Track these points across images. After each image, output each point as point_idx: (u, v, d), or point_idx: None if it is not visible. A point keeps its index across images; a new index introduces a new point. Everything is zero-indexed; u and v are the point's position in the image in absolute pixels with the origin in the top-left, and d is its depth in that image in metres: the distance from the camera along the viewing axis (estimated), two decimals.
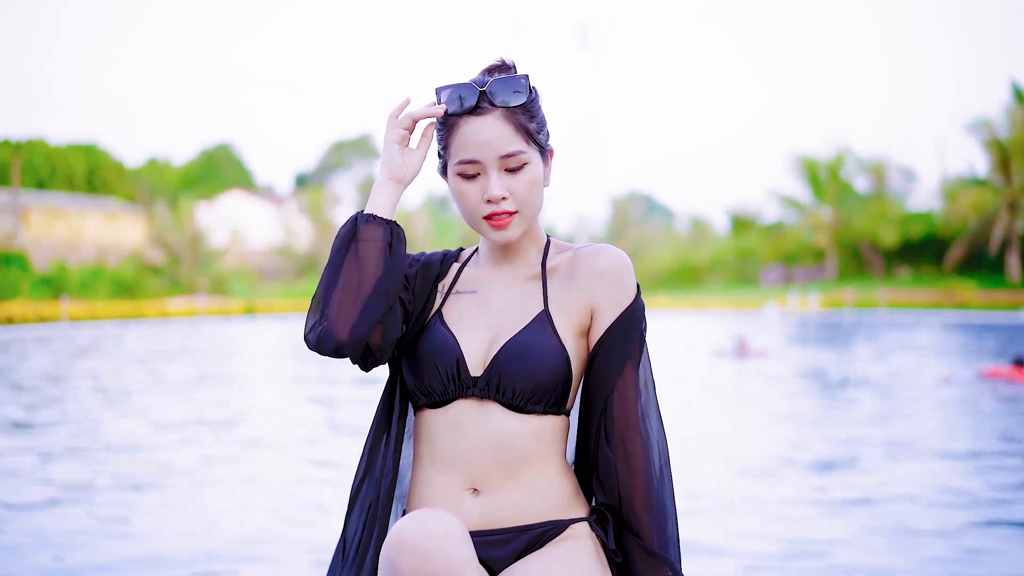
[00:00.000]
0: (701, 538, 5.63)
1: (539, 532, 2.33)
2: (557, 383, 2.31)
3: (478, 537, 2.32)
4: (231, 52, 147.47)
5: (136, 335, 30.20)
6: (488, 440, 2.30)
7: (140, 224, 62.09)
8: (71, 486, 7.28)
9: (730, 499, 6.83)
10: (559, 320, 2.35)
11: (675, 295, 61.00)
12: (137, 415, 11.45)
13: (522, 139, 2.31)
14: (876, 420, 10.90)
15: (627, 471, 2.33)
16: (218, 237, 62.22)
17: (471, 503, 2.33)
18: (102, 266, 53.37)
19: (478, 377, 2.32)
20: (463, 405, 2.33)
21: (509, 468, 2.31)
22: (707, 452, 8.76)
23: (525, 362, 2.29)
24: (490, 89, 2.30)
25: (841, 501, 6.74)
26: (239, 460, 8.49)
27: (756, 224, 70.78)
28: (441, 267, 2.51)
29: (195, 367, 18.56)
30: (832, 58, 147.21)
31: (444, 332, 2.37)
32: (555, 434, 2.35)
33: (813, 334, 29.68)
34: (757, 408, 12.07)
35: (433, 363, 2.34)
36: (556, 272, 2.40)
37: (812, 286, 58.91)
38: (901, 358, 19.74)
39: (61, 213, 59.06)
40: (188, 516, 6.32)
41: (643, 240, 75.55)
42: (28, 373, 17.16)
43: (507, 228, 2.34)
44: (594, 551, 2.34)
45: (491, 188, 2.30)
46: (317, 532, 5.87)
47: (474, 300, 2.44)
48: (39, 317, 37.67)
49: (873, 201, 63.72)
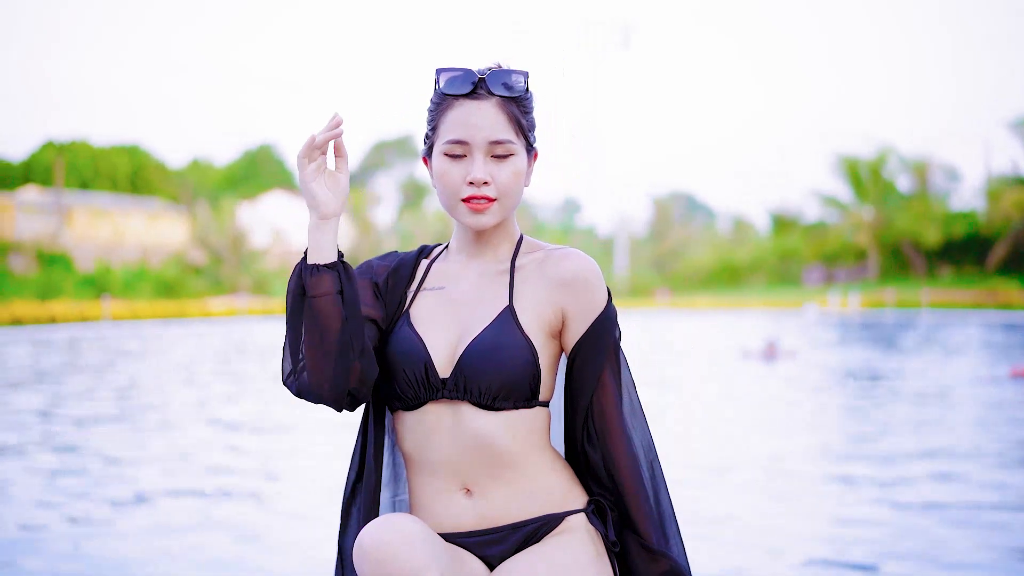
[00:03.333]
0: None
1: (535, 527, 2.34)
2: (525, 379, 2.31)
3: (475, 537, 2.34)
4: (274, 55, 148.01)
5: (198, 335, 30.39)
6: (466, 441, 2.31)
7: (182, 224, 62.41)
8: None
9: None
10: (524, 316, 2.35)
11: (716, 295, 60.72)
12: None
13: (513, 130, 2.34)
14: (906, 424, 10.81)
15: (616, 473, 2.36)
16: (260, 237, 62.42)
17: (465, 504, 2.35)
18: (145, 267, 53.73)
19: (446, 379, 2.33)
20: (436, 408, 2.34)
21: (493, 467, 2.32)
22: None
23: (491, 360, 2.30)
24: (489, 77, 2.34)
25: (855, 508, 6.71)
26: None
27: (797, 224, 70.23)
28: (413, 267, 2.51)
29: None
30: (876, 56, 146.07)
31: (410, 334, 2.37)
32: (534, 427, 2.35)
33: (851, 335, 29.43)
34: (765, 412, 11.93)
35: (401, 368, 2.35)
36: (524, 270, 2.41)
37: (853, 286, 58.46)
38: (941, 358, 19.54)
39: (104, 213, 59.50)
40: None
41: (684, 240, 75.20)
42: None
43: (484, 213, 2.35)
44: (591, 542, 2.35)
45: (475, 171, 2.31)
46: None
47: (441, 297, 2.43)
48: (82, 316, 37.94)
49: (915, 200, 63.14)
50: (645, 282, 63.43)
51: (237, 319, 42.06)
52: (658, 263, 72.61)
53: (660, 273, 70.07)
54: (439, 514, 2.36)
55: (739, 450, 9.03)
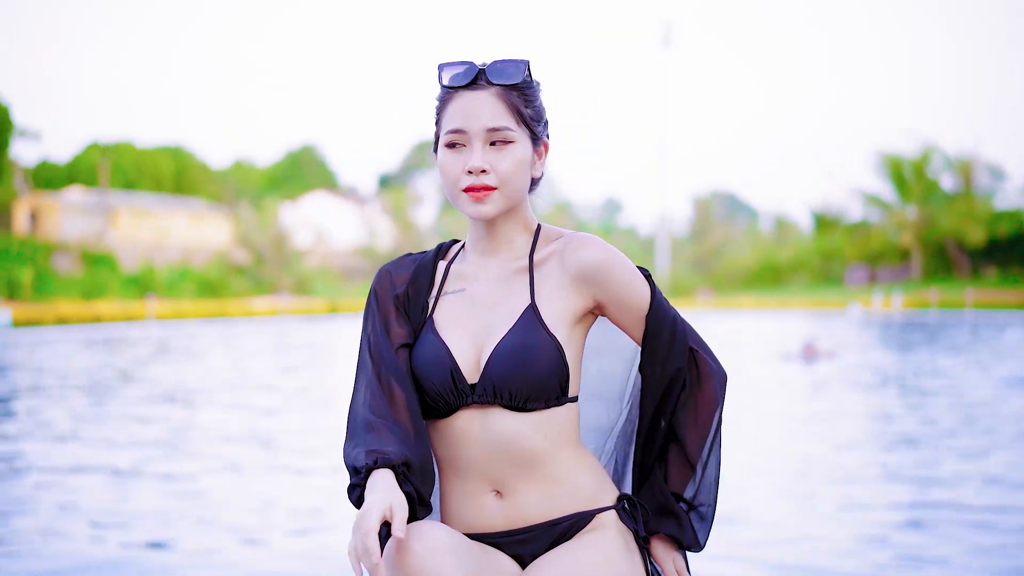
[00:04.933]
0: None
1: (566, 525, 2.34)
2: (554, 378, 2.30)
3: (506, 537, 2.35)
4: (315, 56, 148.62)
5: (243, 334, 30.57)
6: (497, 444, 2.31)
7: (225, 224, 62.73)
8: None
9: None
10: (548, 313, 2.33)
11: (758, 295, 60.46)
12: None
13: (512, 118, 2.32)
14: (944, 427, 10.72)
15: (696, 415, 2.40)
16: (302, 237, 62.66)
17: (495, 505, 2.35)
18: (188, 266, 54.07)
19: (475, 384, 2.33)
20: (467, 413, 2.34)
21: (524, 468, 2.32)
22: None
23: (518, 363, 2.29)
24: (488, 67, 2.34)
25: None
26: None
27: (840, 223, 69.76)
28: (432, 272, 2.49)
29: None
30: (922, 53, 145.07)
31: (435, 341, 2.37)
32: (564, 425, 2.35)
33: (894, 335, 29.25)
34: (793, 413, 11.84)
35: (429, 377, 2.34)
36: (543, 265, 2.39)
37: (897, 286, 58.07)
38: (985, 359, 19.37)
39: (148, 214, 59.94)
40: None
41: (726, 239, 74.89)
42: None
43: (484, 202, 2.33)
44: (622, 539, 2.35)
45: (472, 159, 2.31)
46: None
47: (462, 300, 2.42)
48: (126, 316, 38.22)
49: (960, 199, 62.61)
50: (687, 282, 63.22)
51: (279, 319, 42.24)
52: (699, 263, 72.36)
53: (701, 273, 69.82)
54: (469, 516, 2.37)
55: (766, 450, 8.94)
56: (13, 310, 33.84)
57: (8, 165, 50.88)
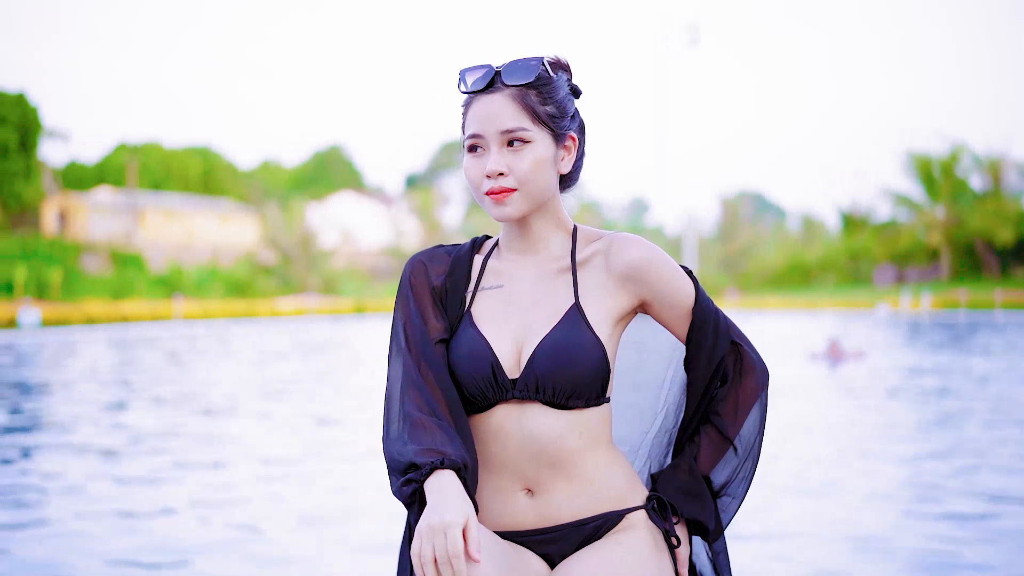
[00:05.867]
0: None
1: (596, 525, 2.33)
2: (598, 377, 2.29)
3: (535, 535, 2.33)
4: (342, 57, 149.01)
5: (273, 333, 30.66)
6: (532, 442, 2.30)
7: (253, 225, 63.00)
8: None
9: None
10: (591, 312, 2.33)
11: (786, 295, 60.31)
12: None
13: (528, 118, 2.30)
14: (970, 430, 10.65)
15: (736, 405, 2.41)
16: (329, 237, 62.87)
17: (526, 503, 2.33)
18: (216, 266, 54.32)
19: (516, 379, 2.31)
20: (504, 409, 2.32)
21: (557, 466, 2.31)
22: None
23: (563, 360, 2.28)
24: (504, 69, 2.32)
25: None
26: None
27: (868, 223, 69.54)
28: (468, 266, 2.48)
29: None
30: (950, 53, 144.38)
31: (475, 335, 2.36)
32: (599, 425, 2.34)
33: (921, 335, 29.10)
34: (811, 413, 11.78)
35: (469, 371, 2.33)
36: (586, 265, 2.38)
37: (925, 286, 57.84)
38: (1016, 360, 19.25)
39: (176, 214, 60.23)
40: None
41: (753, 239, 74.74)
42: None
43: (504, 204, 2.31)
44: (651, 539, 2.34)
45: (488, 163, 2.30)
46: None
47: (501, 296, 2.41)
48: (153, 316, 38.42)
49: (989, 199, 62.27)
50: (714, 282, 63.14)
51: (306, 318, 42.37)
52: (727, 263, 72.26)
53: (729, 273, 69.74)
54: (499, 514, 2.35)
55: (779, 451, 8.87)
56: (42, 310, 34.06)
57: (37, 166, 51.20)
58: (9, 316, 32.64)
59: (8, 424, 10.66)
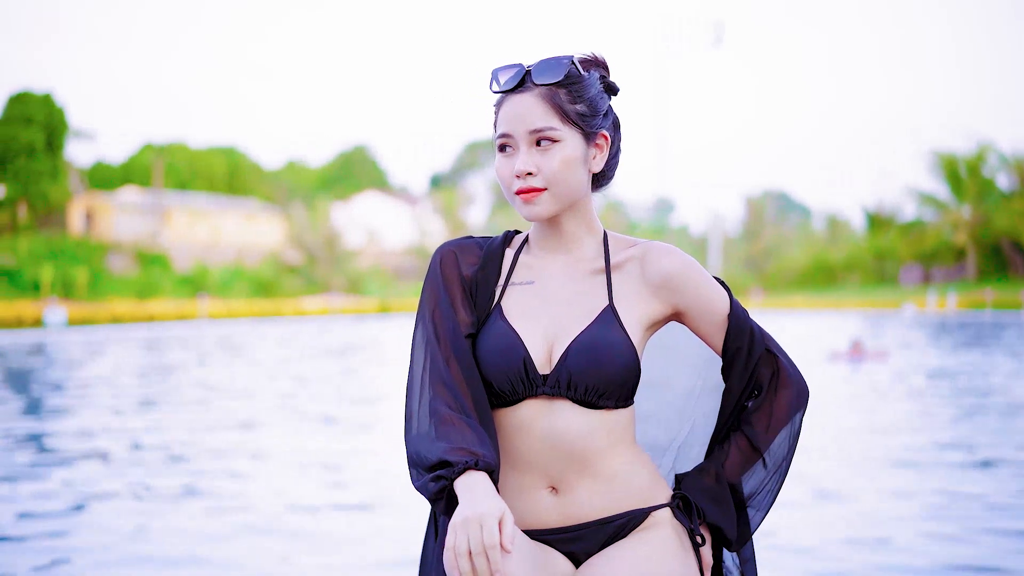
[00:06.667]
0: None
1: (621, 523, 2.33)
2: (629, 378, 2.30)
3: (561, 533, 2.33)
4: (367, 57, 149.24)
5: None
6: (558, 439, 2.29)
7: (278, 224, 63.15)
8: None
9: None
10: (625, 315, 2.33)
11: (811, 295, 60.10)
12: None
13: (556, 117, 2.29)
14: (991, 433, 10.58)
15: (769, 416, 2.41)
16: (353, 237, 62.97)
17: (550, 502, 2.33)
18: (241, 266, 54.50)
19: (547, 375, 2.31)
20: (532, 405, 2.32)
21: (582, 465, 2.30)
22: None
23: (596, 358, 2.28)
24: (534, 68, 2.32)
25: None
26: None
27: (894, 222, 69.22)
28: (500, 260, 2.46)
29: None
30: (976, 51, 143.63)
31: (507, 329, 2.35)
32: (625, 425, 2.34)
33: (946, 335, 28.94)
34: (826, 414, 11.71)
35: (499, 364, 2.32)
36: (622, 268, 2.38)
37: (951, 286, 57.55)
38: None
39: (202, 214, 60.44)
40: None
41: (778, 239, 74.49)
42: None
43: (534, 204, 2.30)
44: (676, 537, 2.34)
45: (517, 163, 2.29)
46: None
47: (532, 292, 2.40)
48: (179, 315, 38.55)
49: (1016, 198, 61.80)
50: (739, 282, 62.97)
51: (331, 318, 42.44)
52: (752, 262, 72.05)
53: (754, 272, 69.54)
54: (523, 512, 2.34)
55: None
56: (68, 309, 34.24)
57: (64, 166, 51.51)
58: (35, 315, 32.81)
59: (33, 423, 10.72)
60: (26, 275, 42.11)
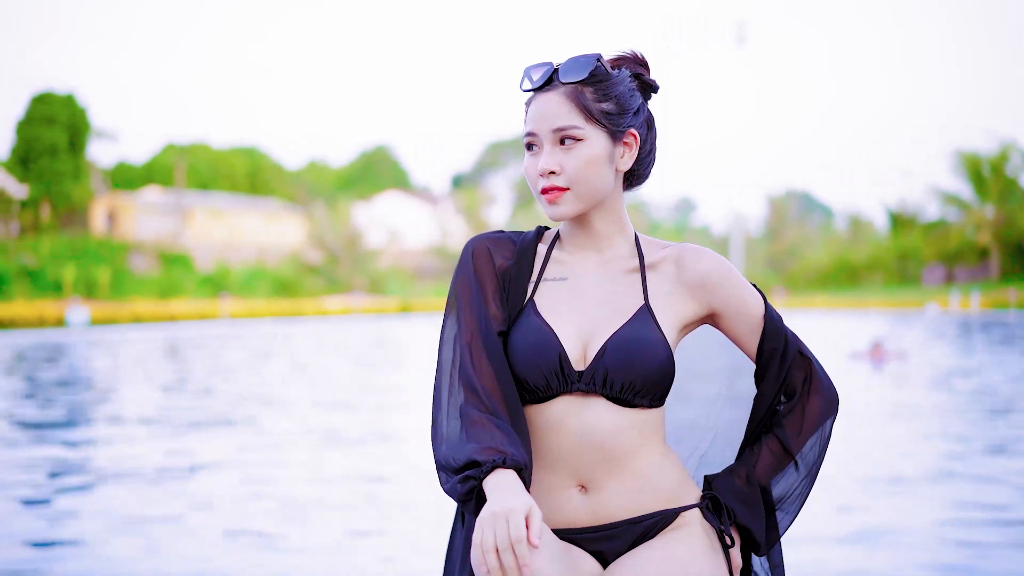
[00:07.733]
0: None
1: (650, 523, 2.31)
2: (665, 377, 2.28)
3: (589, 533, 2.31)
4: (389, 56, 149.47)
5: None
6: (590, 437, 2.28)
7: (299, 224, 63.34)
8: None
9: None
10: (661, 316, 2.32)
11: (833, 295, 59.97)
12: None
13: (580, 116, 2.27)
14: (1006, 438, 10.51)
15: (801, 420, 2.40)
16: (375, 237, 63.11)
17: (580, 501, 2.31)
18: (262, 266, 54.67)
19: (582, 372, 2.29)
20: (565, 401, 2.29)
21: (613, 464, 2.29)
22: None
23: (632, 356, 2.26)
24: (562, 66, 2.30)
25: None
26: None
27: (917, 222, 69.05)
28: (533, 255, 2.43)
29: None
30: (999, 51, 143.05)
31: (541, 324, 2.32)
32: (656, 425, 2.32)
33: (969, 336, 28.80)
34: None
35: (533, 360, 2.29)
36: (657, 269, 2.37)
37: (974, 286, 57.31)
38: None
39: (223, 214, 60.64)
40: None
41: (800, 239, 74.35)
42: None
43: (558, 203, 2.29)
44: (705, 537, 2.32)
45: (540, 162, 2.28)
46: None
47: (566, 289, 2.38)
48: (200, 315, 38.67)
49: None
50: (761, 281, 62.73)
51: (352, 317, 42.51)
52: (774, 262, 71.96)
53: (776, 272, 69.44)
54: (552, 510, 2.32)
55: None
56: (91, 309, 34.39)
57: (86, 166, 51.78)
58: (58, 315, 32.97)
59: (54, 421, 10.75)
60: (48, 275, 42.34)
